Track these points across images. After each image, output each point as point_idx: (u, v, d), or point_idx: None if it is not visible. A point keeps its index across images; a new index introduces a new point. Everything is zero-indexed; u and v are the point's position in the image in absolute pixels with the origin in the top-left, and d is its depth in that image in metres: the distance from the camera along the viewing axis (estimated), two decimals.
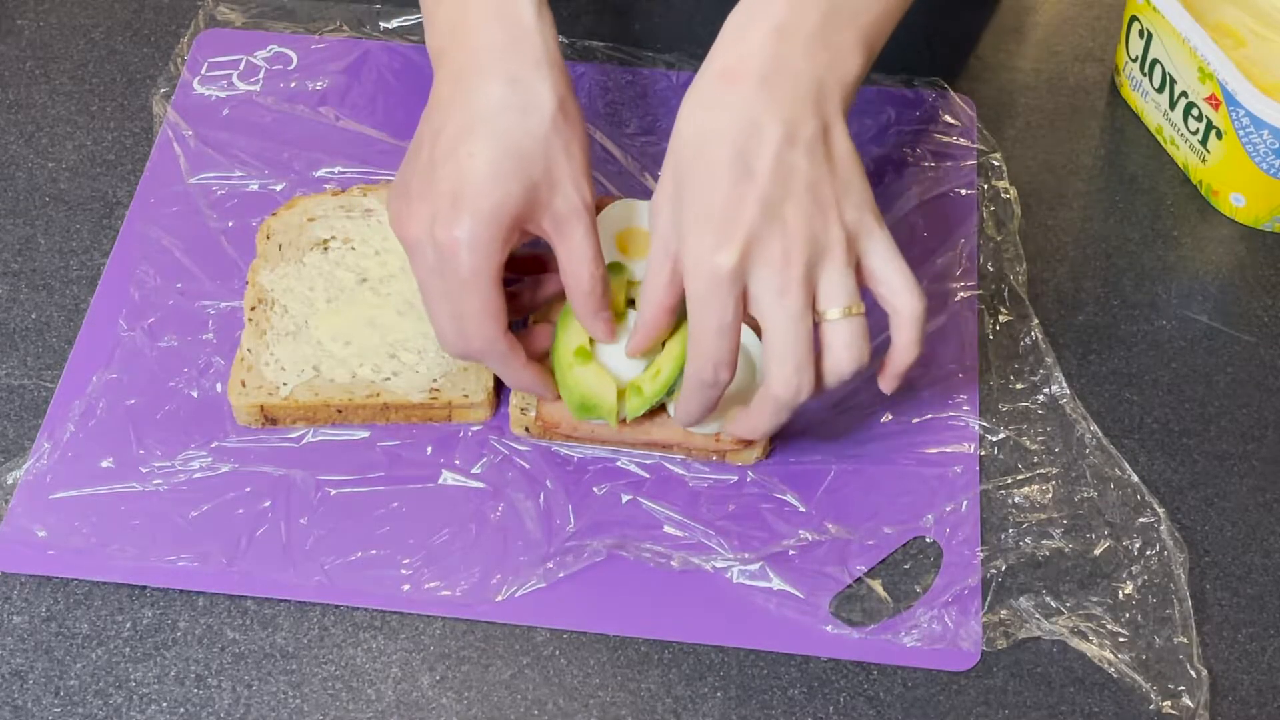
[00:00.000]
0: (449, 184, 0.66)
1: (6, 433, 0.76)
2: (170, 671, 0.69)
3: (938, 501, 0.74)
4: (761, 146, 0.63)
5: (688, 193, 0.64)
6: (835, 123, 0.65)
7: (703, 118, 0.64)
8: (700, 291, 0.64)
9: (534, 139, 0.67)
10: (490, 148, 0.66)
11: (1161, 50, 0.84)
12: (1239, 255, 0.84)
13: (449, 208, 0.66)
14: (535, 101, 0.67)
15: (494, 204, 0.66)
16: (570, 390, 0.71)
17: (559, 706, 0.68)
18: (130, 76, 0.90)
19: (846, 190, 0.65)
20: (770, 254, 0.63)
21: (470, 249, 0.66)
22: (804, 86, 0.64)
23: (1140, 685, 0.69)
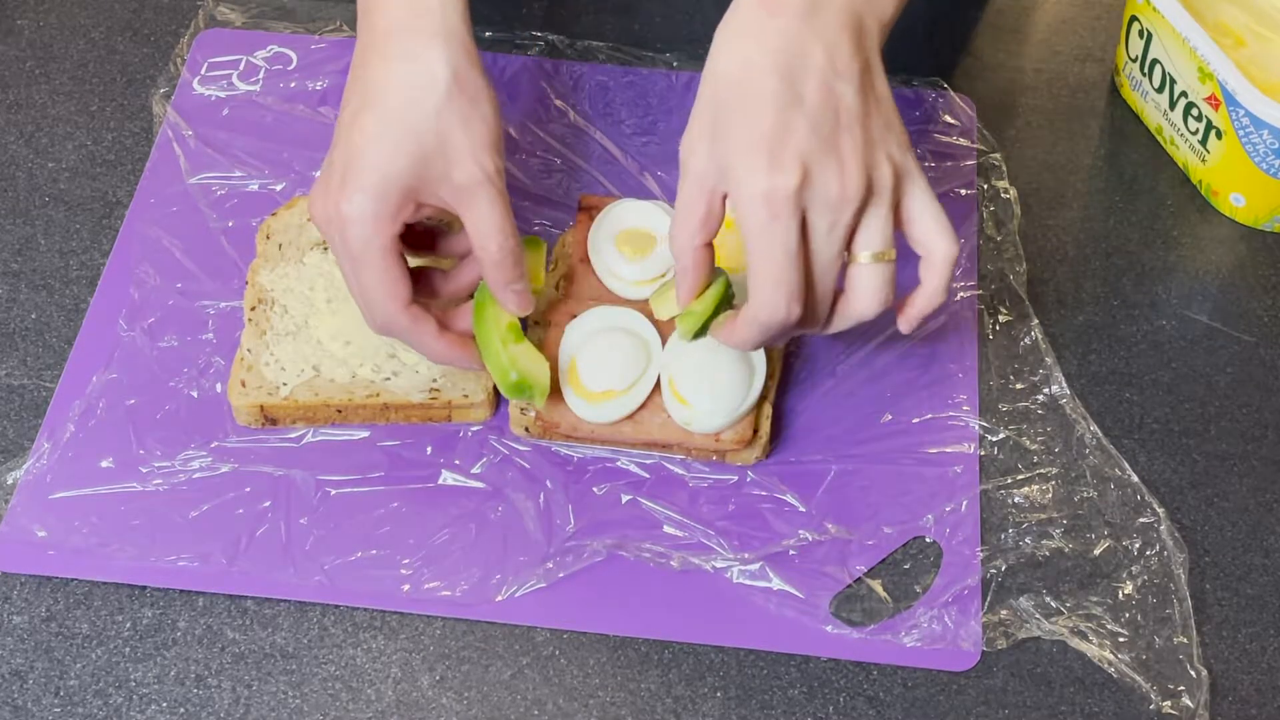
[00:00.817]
0: (341, 161, 0.67)
1: (6, 433, 0.76)
2: (170, 671, 0.69)
3: (938, 501, 0.74)
4: (808, 74, 0.62)
5: (732, 123, 0.63)
6: (875, 61, 0.64)
7: (742, 46, 0.63)
8: (762, 218, 0.62)
9: (425, 113, 0.67)
10: (377, 122, 0.67)
11: (1161, 50, 0.84)
12: (1239, 255, 0.84)
13: (339, 183, 0.67)
14: (428, 77, 0.67)
15: (380, 177, 0.66)
16: (502, 370, 0.70)
17: (559, 706, 0.68)
18: (130, 76, 0.90)
19: (890, 128, 0.64)
20: (828, 184, 0.62)
21: (358, 223, 0.66)
22: (845, 20, 0.63)
23: (1140, 685, 0.69)
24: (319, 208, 0.68)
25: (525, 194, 0.84)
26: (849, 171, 0.62)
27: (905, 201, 0.65)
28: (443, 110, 0.67)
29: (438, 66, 0.68)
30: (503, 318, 0.71)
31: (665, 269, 0.78)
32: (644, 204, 0.80)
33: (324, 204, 0.67)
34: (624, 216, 0.79)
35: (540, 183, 0.85)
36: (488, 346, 0.70)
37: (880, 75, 0.65)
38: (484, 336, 0.71)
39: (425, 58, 0.68)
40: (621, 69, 0.90)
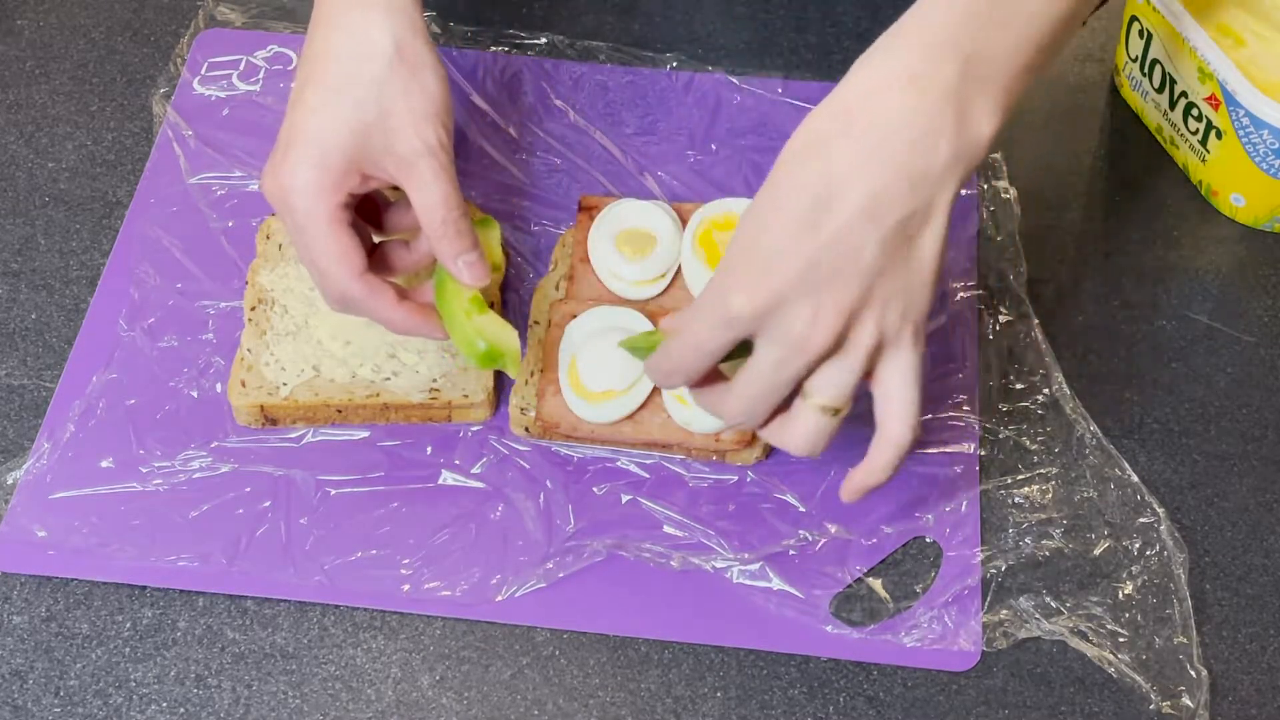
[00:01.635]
0: (285, 133, 0.68)
1: (6, 433, 0.76)
2: (170, 671, 0.69)
3: (938, 501, 0.74)
4: (839, 208, 0.58)
5: (749, 218, 0.60)
6: (935, 215, 0.59)
7: (803, 150, 0.60)
8: (702, 313, 0.61)
9: (365, 83, 0.67)
10: (318, 94, 0.67)
11: (1161, 50, 0.84)
12: (1239, 255, 0.84)
13: (282, 156, 0.67)
14: (370, 47, 0.68)
15: (320, 148, 0.66)
16: (469, 341, 0.69)
17: (559, 706, 0.68)
18: (130, 76, 0.90)
19: (903, 295, 0.60)
20: (789, 327, 0.59)
21: (301, 194, 0.66)
22: (920, 156, 0.59)
23: (1140, 685, 0.69)
24: (267, 182, 0.68)
25: (525, 194, 0.84)
26: (820, 321, 0.59)
27: (880, 370, 0.61)
28: (384, 81, 0.67)
29: (379, 37, 0.68)
30: (464, 290, 0.70)
31: (665, 269, 0.78)
32: (644, 204, 0.80)
33: (270, 178, 0.68)
34: (624, 216, 0.79)
35: (540, 183, 0.85)
36: (452, 319, 0.70)
37: (934, 230, 0.60)
38: (447, 310, 0.70)
39: (367, 29, 0.68)
40: (621, 69, 0.90)
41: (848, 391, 0.61)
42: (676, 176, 0.85)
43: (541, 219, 0.83)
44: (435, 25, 0.90)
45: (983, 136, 0.60)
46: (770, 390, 0.61)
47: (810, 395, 0.61)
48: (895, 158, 0.59)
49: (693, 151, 0.86)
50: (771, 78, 0.89)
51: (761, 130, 0.87)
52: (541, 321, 0.78)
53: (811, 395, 0.61)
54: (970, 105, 0.60)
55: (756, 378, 0.61)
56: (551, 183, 0.85)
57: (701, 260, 0.77)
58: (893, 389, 0.61)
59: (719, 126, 0.87)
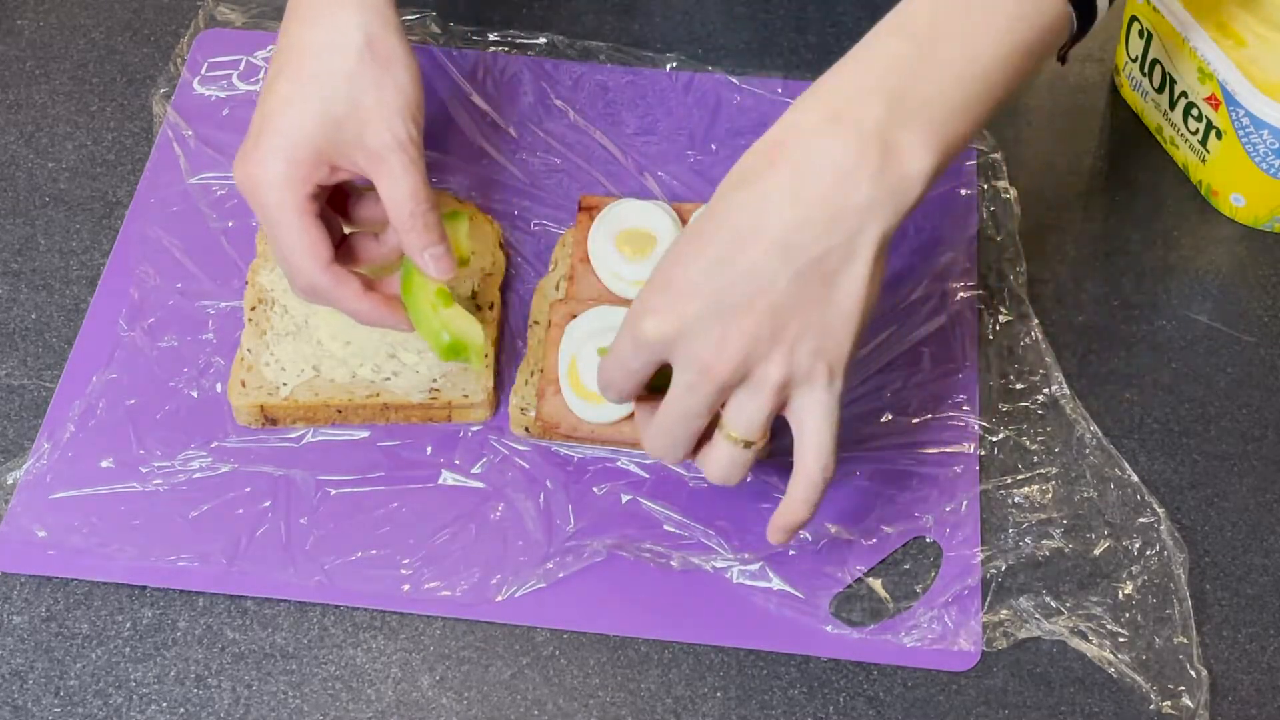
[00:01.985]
0: (255, 124, 0.69)
1: (6, 433, 0.76)
2: (170, 671, 0.69)
3: (938, 501, 0.74)
4: (751, 242, 0.59)
5: (675, 247, 0.62)
6: (858, 254, 0.59)
7: (731, 185, 0.61)
8: (622, 334, 0.63)
9: (335, 75, 0.68)
10: (288, 85, 0.68)
11: (1161, 50, 0.84)
12: (1239, 255, 0.84)
13: (252, 146, 0.68)
14: (340, 40, 0.68)
15: (290, 139, 0.67)
16: (434, 333, 0.70)
17: (559, 706, 0.68)
18: (130, 76, 0.90)
19: (817, 332, 0.60)
20: (696, 352, 0.60)
21: (269, 185, 0.67)
22: (838, 193, 0.59)
23: (1140, 685, 0.69)
24: (238, 172, 0.69)
25: (525, 194, 0.84)
26: (725, 349, 0.59)
27: (793, 405, 0.62)
28: (354, 74, 0.68)
29: (350, 31, 0.68)
30: (431, 283, 0.70)
31: None
32: (644, 204, 0.80)
33: (241, 167, 0.69)
34: (624, 216, 0.79)
35: (540, 183, 0.85)
36: (418, 311, 0.70)
37: (855, 268, 0.59)
38: (413, 302, 0.70)
39: (338, 22, 0.69)
40: (621, 69, 0.90)
41: (757, 424, 0.62)
42: (676, 176, 0.85)
43: (541, 219, 0.83)
44: (435, 25, 0.90)
45: (913, 174, 0.60)
46: (683, 417, 0.62)
47: (723, 426, 0.63)
48: (814, 195, 0.59)
49: (693, 151, 0.86)
50: (771, 78, 0.89)
51: (761, 130, 0.86)
52: (541, 321, 0.78)
53: (724, 426, 0.63)
54: (898, 144, 0.59)
55: (671, 403, 0.62)
56: (551, 183, 0.85)
57: None
58: (806, 426, 0.62)
59: (719, 126, 0.87)
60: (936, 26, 0.61)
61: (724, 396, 0.62)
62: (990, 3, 0.62)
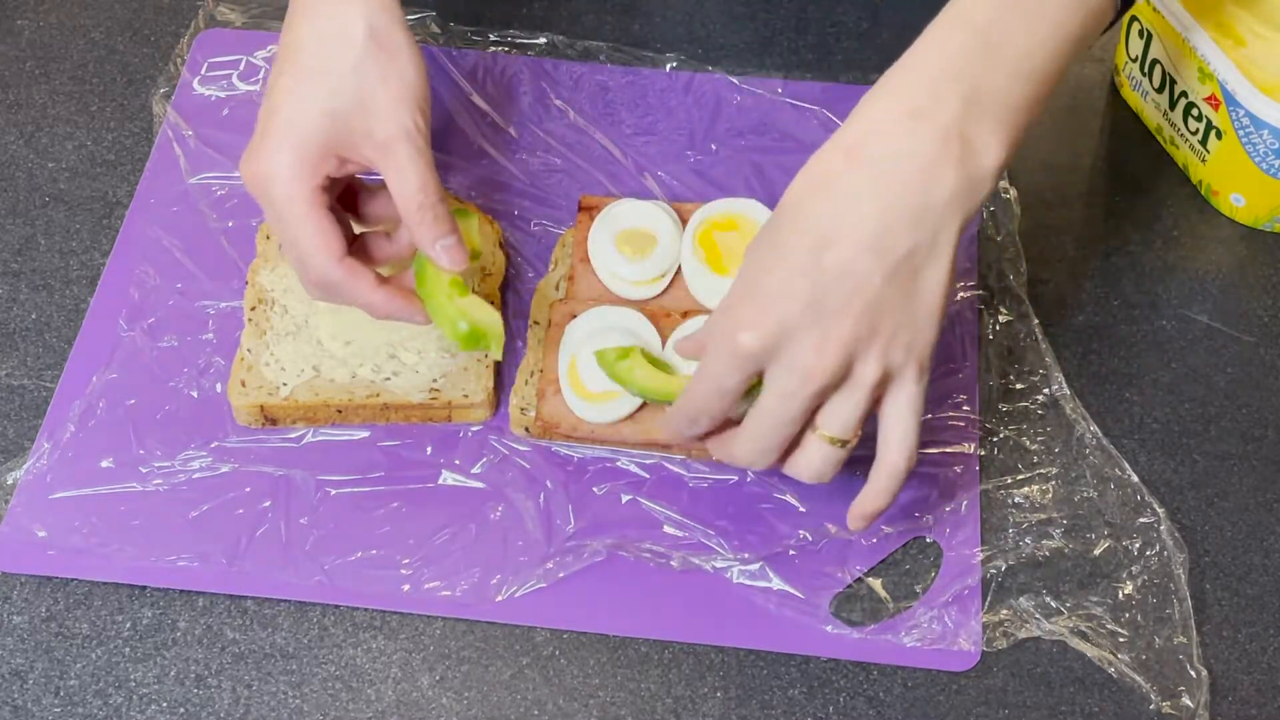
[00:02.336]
0: (262, 120, 0.68)
1: (6, 433, 0.76)
2: (170, 671, 0.69)
3: (938, 501, 0.74)
4: (842, 243, 0.60)
5: (757, 255, 0.62)
6: (941, 248, 0.61)
7: (808, 188, 0.61)
8: (714, 354, 0.62)
9: (340, 68, 0.67)
10: (294, 79, 0.68)
11: (1161, 50, 0.84)
12: (1239, 255, 0.84)
13: (259, 141, 0.67)
14: (344, 32, 0.68)
15: (297, 134, 0.67)
16: (451, 322, 0.69)
17: (559, 706, 0.68)
18: (130, 76, 0.90)
19: (908, 327, 0.61)
20: (796, 358, 0.60)
21: (278, 179, 0.66)
22: (923, 189, 0.60)
23: (1140, 685, 0.69)
24: (245, 169, 0.68)
25: (525, 194, 0.84)
26: (827, 352, 0.60)
27: (885, 401, 0.63)
28: (359, 67, 0.67)
29: (354, 23, 0.68)
30: (444, 275, 0.70)
31: (665, 269, 0.78)
32: (644, 204, 0.80)
33: (248, 163, 0.68)
34: (624, 216, 0.79)
35: (540, 183, 0.85)
36: (434, 303, 0.70)
37: (939, 263, 0.61)
38: (428, 294, 0.70)
39: (342, 15, 0.68)
40: (621, 69, 0.90)
41: (854, 423, 0.62)
42: (676, 176, 0.85)
43: (541, 219, 0.83)
44: (435, 25, 0.90)
45: (987, 169, 0.61)
46: (780, 424, 0.62)
47: (818, 427, 0.63)
48: (899, 192, 0.60)
49: (693, 151, 0.86)
50: (771, 78, 0.89)
51: (761, 130, 0.87)
52: (541, 321, 0.78)
53: (820, 427, 0.63)
54: (974, 138, 0.61)
55: (766, 412, 0.62)
56: (551, 183, 0.85)
57: (701, 260, 0.77)
58: (894, 420, 0.63)
59: (719, 126, 0.87)
60: (998, 18, 0.62)
61: (822, 400, 0.62)
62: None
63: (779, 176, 0.85)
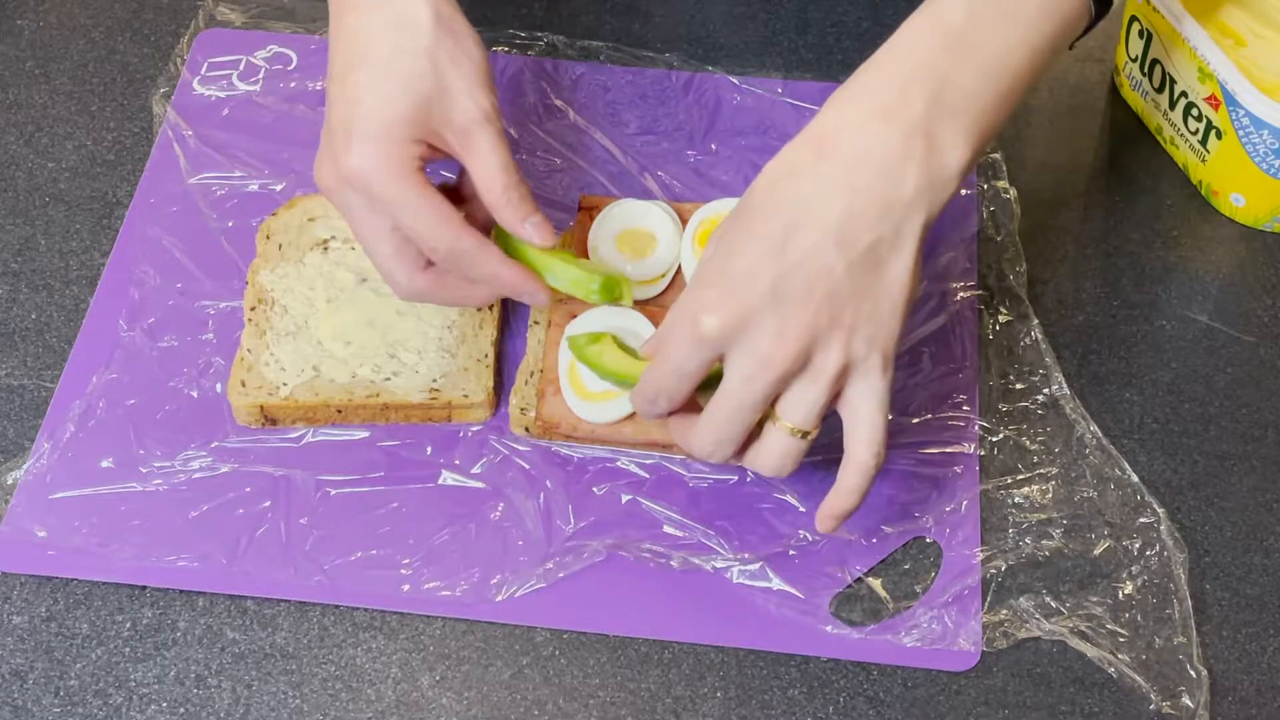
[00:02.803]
0: (339, 121, 0.66)
1: (6, 433, 0.76)
2: (170, 671, 0.69)
3: (938, 501, 0.74)
4: (807, 232, 0.60)
5: (724, 240, 0.63)
6: (904, 242, 0.61)
7: (776, 177, 0.62)
8: (675, 335, 0.63)
9: (414, 54, 0.66)
10: (371, 72, 0.66)
11: (1161, 50, 0.84)
12: (1239, 255, 0.84)
13: (343, 143, 0.66)
14: (409, 19, 0.67)
15: (384, 125, 0.66)
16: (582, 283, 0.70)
17: (559, 706, 0.68)
18: (130, 76, 0.90)
19: (871, 319, 0.61)
20: (756, 343, 0.61)
21: (378, 172, 0.65)
22: (888, 184, 0.61)
23: (1140, 685, 0.69)
24: (327, 175, 0.67)
25: None
26: (785, 339, 0.60)
27: (847, 394, 0.63)
28: (431, 51, 0.67)
29: (417, 9, 0.67)
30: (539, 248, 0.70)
31: (665, 269, 0.78)
32: (644, 204, 0.80)
33: (332, 168, 0.67)
34: (624, 216, 0.79)
35: (540, 183, 0.85)
36: (549, 269, 0.70)
37: (903, 256, 0.61)
38: (539, 263, 0.70)
39: (402, 3, 0.67)
40: (621, 69, 0.90)
41: (815, 414, 0.62)
42: (676, 176, 0.85)
43: None
44: None
45: (951, 166, 0.62)
46: (739, 410, 0.62)
47: (779, 417, 0.63)
48: (865, 185, 0.61)
49: (693, 151, 0.86)
50: (771, 78, 0.89)
51: (761, 130, 0.87)
52: (541, 321, 0.78)
53: (780, 417, 0.63)
54: (939, 136, 0.62)
55: (726, 397, 0.62)
56: (551, 183, 0.85)
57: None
58: (860, 414, 0.63)
59: (719, 126, 0.87)
60: (971, 20, 0.63)
61: (781, 388, 0.62)
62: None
63: None
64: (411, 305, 0.78)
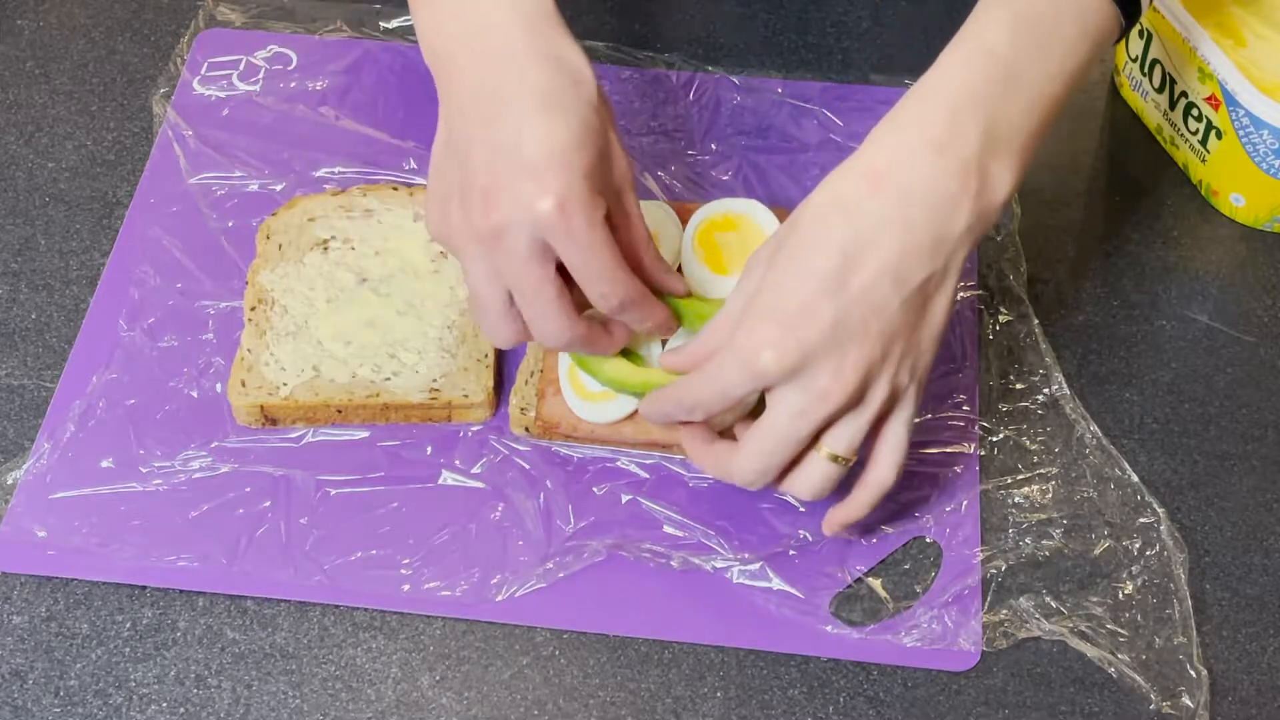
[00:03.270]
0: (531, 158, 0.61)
1: (6, 433, 0.76)
2: (170, 671, 0.69)
3: (938, 501, 0.74)
4: (866, 268, 0.61)
5: (776, 272, 0.62)
6: (950, 276, 0.63)
7: (825, 209, 0.62)
8: (728, 364, 0.63)
9: (591, 108, 0.63)
10: (561, 120, 0.61)
11: (1161, 50, 0.84)
12: (1239, 255, 0.84)
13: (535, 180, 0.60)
14: (580, 75, 0.64)
15: (585, 164, 0.61)
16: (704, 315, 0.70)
17: (559, 706, 0.68)
18: (130, 76, 0.90)
19: (916, 353, 0.63)
20: (813, 380, 0.61)
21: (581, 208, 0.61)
22: (942, 221, 0.61)
23: (1140, 685, 0.69)
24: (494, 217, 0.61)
25: None
26: (844, 377, 0.61)
27: (887, 420, 0.65)
28: (600, 108, 0.64)
29: (583, 65, 0.64)
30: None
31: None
32: (644, 204, 0.80)
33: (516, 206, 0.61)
34: None
35: None
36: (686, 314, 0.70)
37: (947, 291, 0.63)
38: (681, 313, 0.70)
39: (569, 57, 0.64)
40: (621, 69, 0.90)
41: (856, 443, 0.64)
42: (676, 176, 0.85)
43: None
44: None
45: (998, 201, 0.63)
46: (787, 442, 0.63)
47: (823, 446, 0.64)
48: (920, 221, 0.61)
49: (693, 151, 0.86)
50: (771, 78, 0.89)
51: (761, 130, 0.87)
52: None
53: (824, 446, 0.64)
54: (990, 172, 0.62)
55: (774, 429, 0.63)
56: None
57: (701, 260, 0.77)
58: (890, 439, 0.65)
59: (719, 126, 0.87)
60: (1017, 47, 0.63)
61: (832, 421, 0.63)
62: (1058, 20, 0.64)
63: (779, 176, 0.85)
64: (411, 305, 0.78)
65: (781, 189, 0.84)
